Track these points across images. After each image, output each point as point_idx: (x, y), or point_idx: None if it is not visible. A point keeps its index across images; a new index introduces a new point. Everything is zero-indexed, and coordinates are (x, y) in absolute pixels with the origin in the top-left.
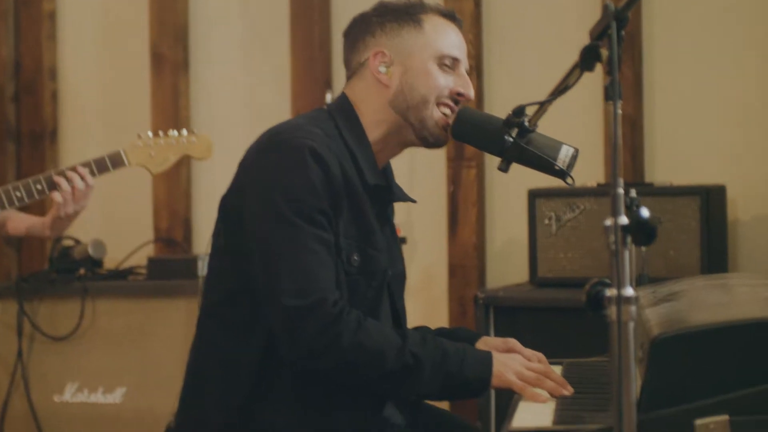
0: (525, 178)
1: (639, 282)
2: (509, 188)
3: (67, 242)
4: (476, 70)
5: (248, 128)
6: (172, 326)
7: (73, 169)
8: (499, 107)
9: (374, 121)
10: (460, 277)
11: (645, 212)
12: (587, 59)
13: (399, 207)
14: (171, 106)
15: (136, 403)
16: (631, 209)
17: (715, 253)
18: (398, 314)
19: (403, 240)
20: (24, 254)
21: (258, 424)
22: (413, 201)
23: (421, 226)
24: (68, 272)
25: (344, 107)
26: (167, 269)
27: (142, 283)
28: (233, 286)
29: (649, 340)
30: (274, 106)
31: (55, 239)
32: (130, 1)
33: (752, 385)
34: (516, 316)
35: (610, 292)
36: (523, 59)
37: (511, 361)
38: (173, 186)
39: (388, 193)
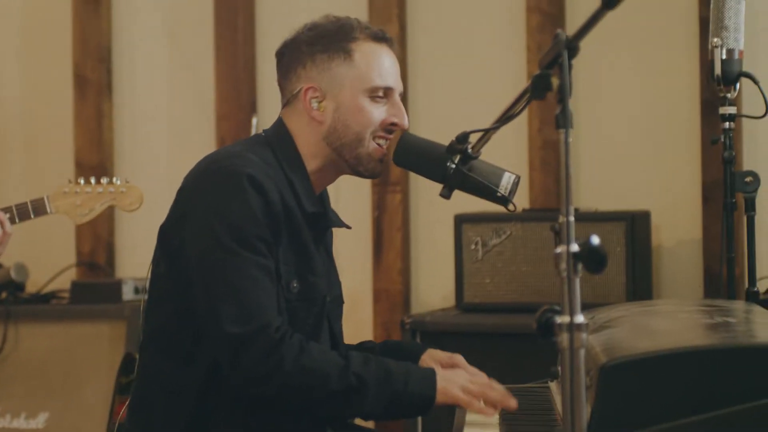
0: (451, 203)
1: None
2: (435, 213)
3: None
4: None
5: (172, 151)
6: (95, 350)
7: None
8: (421, 132)
9: (310, 152)
10: (384, 302)
11: (595, 239)
12: (538, 88)
13: None
14: (94, 129)
15: (59, 428)
16: (560, 234)
17: (640, 278)
18: (336, 338)
19: None
20: None
21: None
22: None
23: (346, 251)
24: None
25: (281, 135)
26: (91, 293)
27: (66, 307)
28: (174, 314)
29: (597, 367)
30: (198, 129)
31: None
32: (53, 20)
33: (699, 411)
34: (443, 341)
35: (561, 319)
36: (448, 84)
37: (455, 376)
38: None
39: (324, 219)
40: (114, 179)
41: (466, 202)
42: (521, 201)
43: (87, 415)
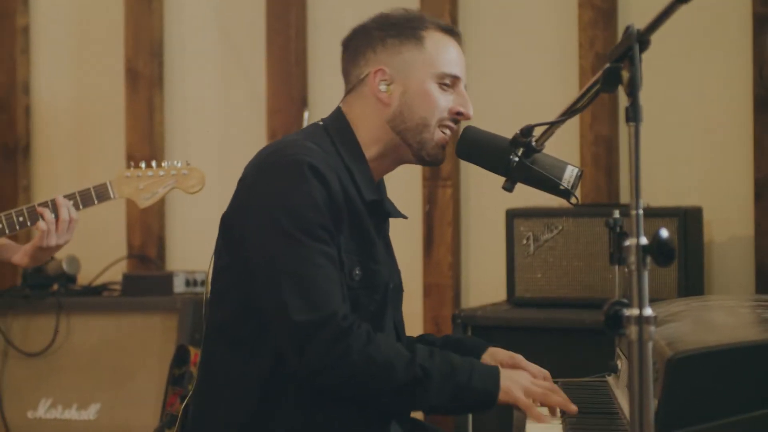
0: (501, 198)
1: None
2: (486, 208)
3: None
4: None
5: (223, 145)
6: (146, 342)
7: (59, 200)
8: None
9: (371, 138)
10: (435, 297)
11: (664, 233)
12: (608, 81)
13: None
14: (146, 122)
15: (110, 419)
16: (614, 229)
17: (692, 274)
18: (397, 326)
19: None
20: None
21: None
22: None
23: (397, 245)
24: (42, 288)
25: (340, 123)
26: (142, 286)
27: (117, 300)
28: (238, 305)
29: (665, 360)
30: (249, 123)
31: None
32: (105, 16)
33: (766, 406)
34: (493, 336)
35: (630, 312)
36: (500, 79)
37: (518, 376)
38: None
39: (383, 208)
40: (175, 162)
41: (516, 197)
42: None
43: (138, 407)
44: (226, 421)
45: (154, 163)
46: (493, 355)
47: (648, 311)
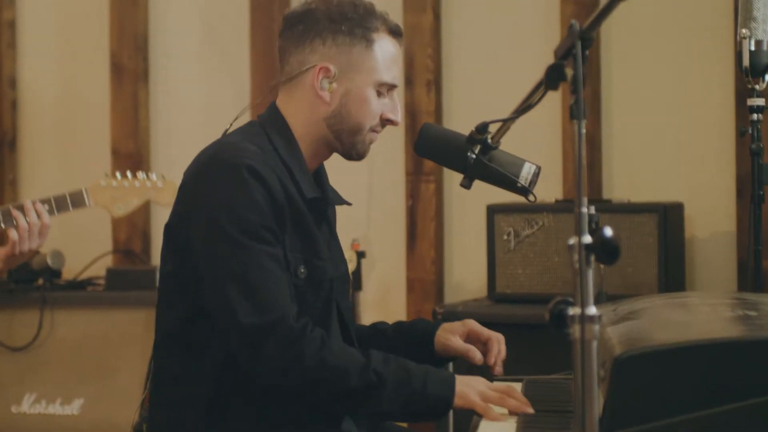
0: (484, 193)
1: (597, 300)
2: (468, 203)
3: None
4: (435, 84)
5: (208, 139)
6: (130, 337)
7: (33, 204)
8: (456, 122)
9: (306, 132)
10: (418, 292)
11: (608, 231)
12: (552, 78)
13: (359, 222)
14: (130, 117)
15: (94, 414)
16: (590, 226)
17: (672, 270)
18: (343, 317)
19: (362, 254)
20: None
21: None
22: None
23: (380, 240)
24: (27, 282)
25: (276, 120)
26: (126, 280)
27: (101, 294)
28: (185, 311)
29: (612, 359)
30: (233, 118)
31: None
32: (90, 10)
33: (713, 405)
34: None
35: (573, 311)
36: (482, 73)
37: (474, 381)
38: None
39: (324, 202)
40: (150, 174)
41: (499, 192)
42: (554, 192)
43: (122, 402)
44: (181, 423)
45: (129, 174)
46: (446, 329)
47: (592, 310)
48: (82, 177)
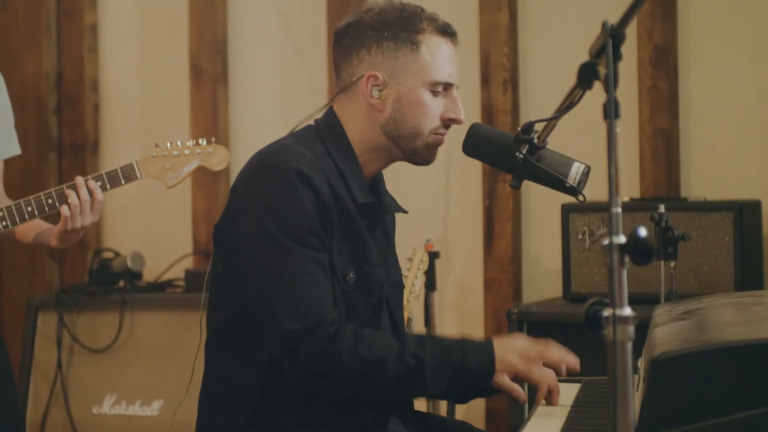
0: (560, 193)
1: (668, 299)
2: (544, 203)
3: (107, 254)
4: (512, 83)
5: None
6: None
7: (85, 182)
8: (539, 117)
9: (363, 140)
10: (495, 292)
11: (642, 231)
12: (584, 77)
13: (434, 222)
14: (210, 119)
15: (173, 415)
16: (660, 224)
17: (749, 269)
18: (396, 325)
19: (437, 254)
20: (65, 266)
21: None
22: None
23: (457, 241)
24: (107, 284)
25: (332, 125)
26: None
27: (180, 296)
28: (233, 312)
29: (650, 359)
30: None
31: (95, 251)
32: (169, 13)
33: (753, 407)
34: (549, 332)
35: (608, 312)
36: (559, 72)
37: (512, 341)
38: (212, 198)
39: (378, 208)
40: (201, 140)
41: None
42: (630, 190)
43: None
44: (226, 424)
45: (180, 142)
46: None
47: (626, 311)
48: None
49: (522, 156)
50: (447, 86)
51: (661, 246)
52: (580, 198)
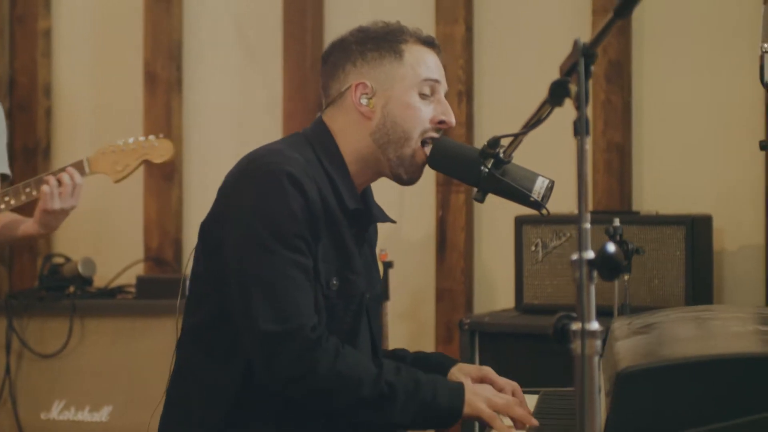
0: (513, 204)
1: (621, 311)
2: (497, 214)
3: (57, 260)
4: (466, 96)
5: (240, 148)
6: (159, 345)
7: (63, 169)
8: (489, 133)
9: (353, 150)
10: (447, 302)
11: (611, 247)
12: (556, 94)
13: (387, 231)
14: (164, 125)
15: (122, 421)
16: (614, 238)
17: (700, 283)
18: (374, 336)
19: (391, 264)
20: (15, 271)
21: None
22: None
23: (410, 251)
24: (58, 290)
25: (323, 134)
26: (156, 288)
27: (131, 302)
28: (213, 311)
29: (615, 374)
30: (265, 127)
31: (45, 257)
32: (124, 19)
33: (714, 421)
34: (501, 343)
35: (576, 326)
36: (513, 84)
37: (482, 389)
38: (164, 205)
39: (367, 216)
40: (149, 136)
41: None
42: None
43: (150, 409)
44: (198, 426)
45: (131, 139)
46: (461, 369)
47: (594, 326)
48: (116, 185)
49: (487, 170)
50: (434, 86)
51: None
52: (544, 212)
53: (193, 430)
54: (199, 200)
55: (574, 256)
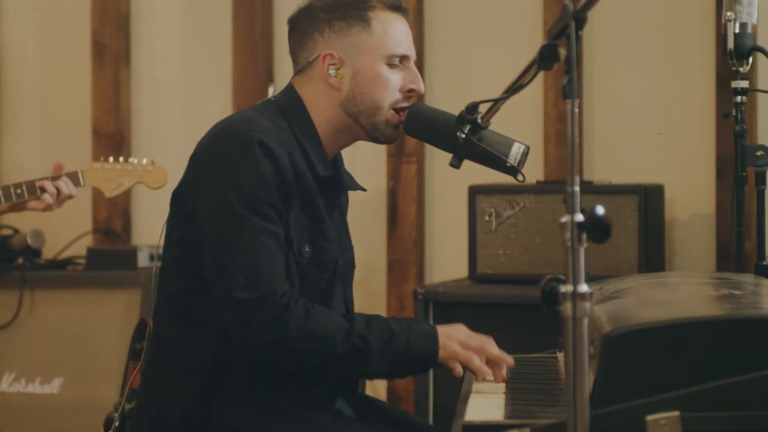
0: (466, 174)
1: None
2: (449, 184)
3: (5, 231)
4: (417, 65)
5: (189, 119)
6: (110, 317)
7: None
8: (440, 102)
9: (324, 119)
10: (398, 272)
11: (600, 210)
12: (546, 58)
13: None
14: (112, 96)
15: (73, 393)
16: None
17: (652, 251)
18: (347, 303)
19: None
20: None
21: (214, 417)
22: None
23: (361, 221)
24: (6, 261)
25: (293, 101)
26: (106, 260)
27: (81, 274)
28: (187, 279)
29: (601, 337)
30: (215, 98)
31: None
32: None
33: (702, 381)
34: (455, 312)
35: (565, 288)
36: (466, 54)
37: (455, 331)
38: None
39: (338, 183)
40: (141, 160)
41: (480, 173)
42: (535, 173)
43: (101, 381)
44: (175, 394)
45: (121, 159)
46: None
47: (583, 288)
48: (63, 155)
49: (464, 136)
50: (403, 59)
51: None
52: (519, 178)
53: (170, 397)
54: None
55: (564, 219)
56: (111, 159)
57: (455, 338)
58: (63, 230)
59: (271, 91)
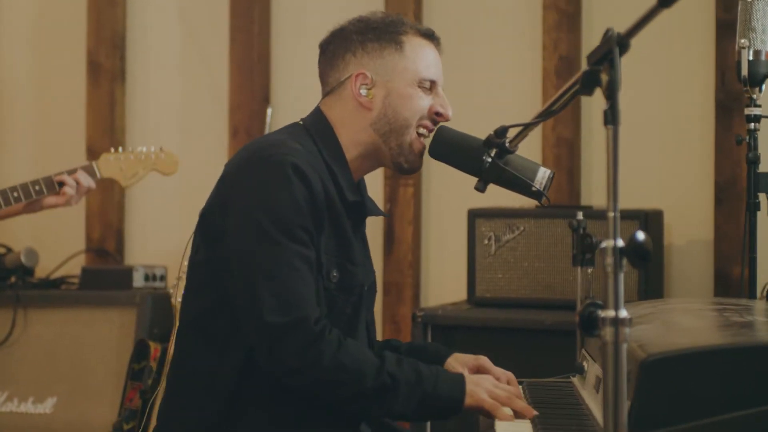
0: (462, 197)
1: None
2: (446, 207)
3: None
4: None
5: (184, 140)
6: (105, 337)
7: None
8: None
9: (353, 141)
10: (394, 295)
11: (641, 235)
12: (587, 84)
13: None
14: (106, 116)
15: (66, 413)
16: (578, 231)
17: (651, 277)
18: (369, 327)
19: None
20: None
21: None
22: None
23: None
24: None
25: (321, 124)
26: (101, 279)
27: (76, 293)
28: (213, 301)
29: (637, 363)
30: (211, 118)
31: None
32: (68, 8)
33: (738, 408)
34: (453, 335)
35: (605, 314)
36: (465, 81)
37: (483, 380)
38: (106, 196)
39: (363, 208)
40: (149, 147)
41: (477, 198)
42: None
43: (95, 401)
44: (198, 416)
45: (130, 148)
46: (458, 358)
47: (624, 313)
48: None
49: (490, 159)
50: (433, 84)
51: (579, 253)
52: (544, 201)
53: (191, 418)
54: (140, 192)
55: (604, 244)
56: (120, 149)
57: (483, 386)
58: (56, 249)
59: (269, 113)
